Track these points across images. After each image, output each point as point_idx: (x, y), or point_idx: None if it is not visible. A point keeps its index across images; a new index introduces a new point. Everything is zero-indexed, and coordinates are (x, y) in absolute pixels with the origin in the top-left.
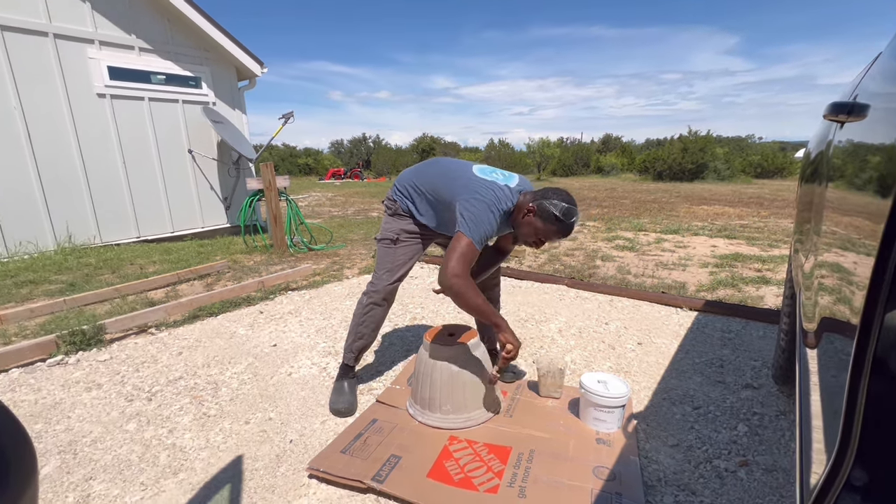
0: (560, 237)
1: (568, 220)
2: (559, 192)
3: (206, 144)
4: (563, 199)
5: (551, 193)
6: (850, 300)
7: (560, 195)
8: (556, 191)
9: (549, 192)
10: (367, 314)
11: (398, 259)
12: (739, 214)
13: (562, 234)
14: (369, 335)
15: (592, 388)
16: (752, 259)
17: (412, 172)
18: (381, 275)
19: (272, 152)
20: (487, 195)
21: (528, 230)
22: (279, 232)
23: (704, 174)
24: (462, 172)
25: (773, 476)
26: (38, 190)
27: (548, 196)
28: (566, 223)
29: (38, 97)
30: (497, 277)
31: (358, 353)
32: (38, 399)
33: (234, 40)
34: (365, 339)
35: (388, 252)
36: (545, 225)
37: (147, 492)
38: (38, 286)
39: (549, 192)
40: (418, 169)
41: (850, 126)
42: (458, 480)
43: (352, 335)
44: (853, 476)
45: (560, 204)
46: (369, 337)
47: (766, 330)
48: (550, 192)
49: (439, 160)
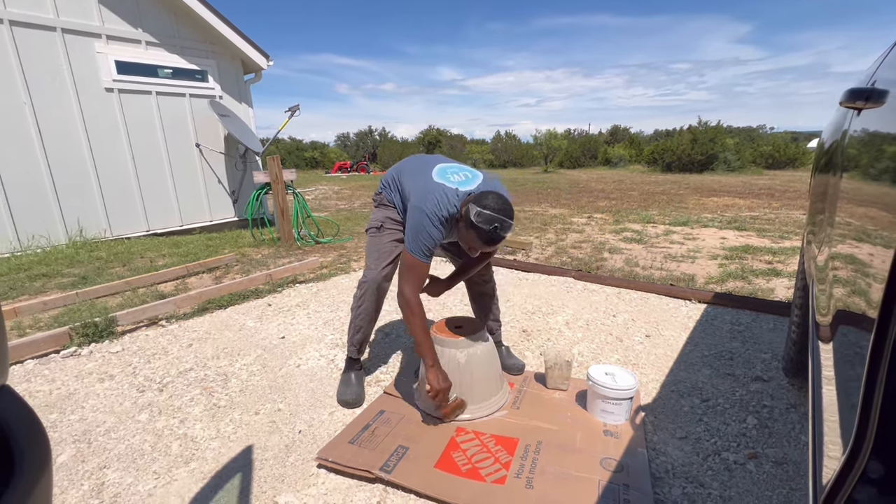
0: (482, 244)
1: (486, 226)
2: (489, 195)
3: (213, 138)
4: (486, 204)
5: (481, 198)
6: (867, 292)
7: (486, 200)
8: (486, 195)
9: (480, 196)
10: (360, 306)
11: (384, 247)
12: (750, 206)
13: (481, 240)
14: (366, 326)
15: (600, 380)
16: (762, 251)
17: (396, 166)
18: (369, 264)
19: (278, 146)
20: (429, 204)
21: (460, 236)
22: (286, 225)
23: (714, 165)
24: (424, 173)
25: (782, 469)
26: (49, 184)
27: (475, 200)
28: (484, 230)
29: (47, 92)
30: (488, 273)
31: (359, 345)
32: (52, 390)
33: (240, 33)
34: (363, 331)
35: (375, 240)
36: (467, 231)
37: (160, 480)
38: (50, 279)
39: (480, 196)
40: (400, 163)
41: (867, 113)
42: (466, 471)
43: (351, 328)
44: (869, 468)
45: (480, 210)
46: (367, 328)
47: (776, 322)
48: (480, 197)
49: (419, 157)
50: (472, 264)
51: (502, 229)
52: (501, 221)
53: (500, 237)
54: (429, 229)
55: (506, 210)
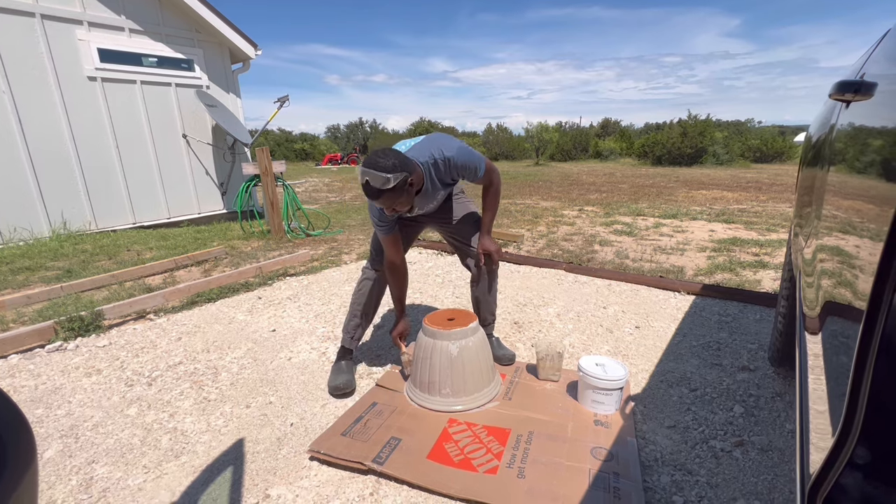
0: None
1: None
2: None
3: (200, 129)
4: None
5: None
6: (854, 283)
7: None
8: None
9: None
10: (359, 290)
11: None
12: (738, 199)
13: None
14: (362, 313)
15: (591, 371)
16: (749, 243)
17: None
18: (371, 253)
19: (268, 137)
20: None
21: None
22: (276, 218)
23: (703, 159)
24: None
25: (767, 455)
26: (30, 175)
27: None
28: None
29: (27, 80)
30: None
31: (353, 332)
32: (37, 385)
33: (227, 21)
34: (358, 317)
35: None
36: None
37: (149, 475)
38: (34, 273)
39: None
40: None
41: (855, 106)
42: (458, 462)
43: (348, 314)
44: (856, 454)
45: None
46: (363, 316)
47: (763, 313)
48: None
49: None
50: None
51: (371, 180)
52: (369, 174)
53: (373, 189)
54: (370, 209)
55: (374, 163)
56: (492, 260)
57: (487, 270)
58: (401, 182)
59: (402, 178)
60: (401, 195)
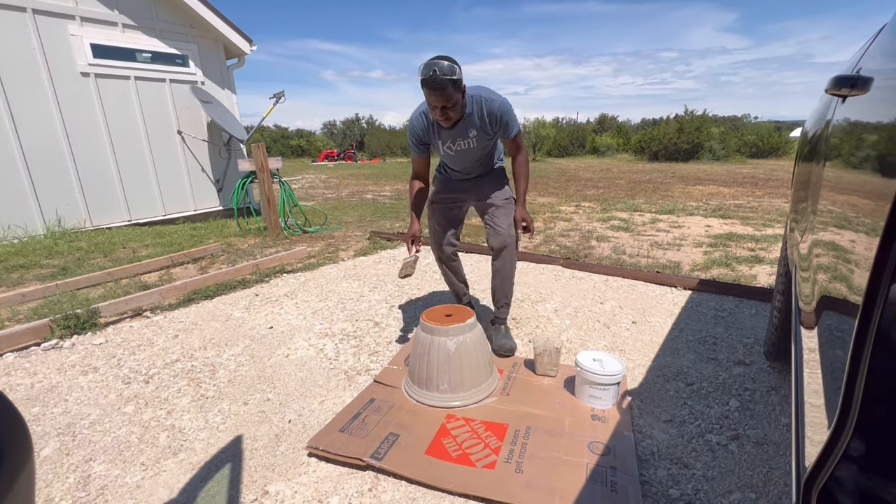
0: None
1: (422, 73)
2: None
3: (195, 125)
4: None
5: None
6: (850, 277)
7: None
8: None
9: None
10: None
11: (432, 226)
12: (734, 194)
13: (428, 87)
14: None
15: (588, 366)
16: (745, 238)
17: None
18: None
19: (263, 133)
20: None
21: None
22: (273, 214)
23: (700, 154)
24: None
25: (763, 449)
26: (24, 173)
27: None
28: (423, 78)
29: (19, 76)
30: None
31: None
32: (33, 383)
33: (222, 16)
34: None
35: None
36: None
37: (147, 472)
38: (29, 270)
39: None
40: None
41: (852, 101)
42: (457, 457)
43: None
44: (851, 447)
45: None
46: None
47: (758, 308)
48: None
49: None
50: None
51: (439, 69)
52: (437, 63)
53: (440, 77)
54: (409, 127)
55: (445, 57)
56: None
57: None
58: (461, 78)
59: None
60: (457, 94)
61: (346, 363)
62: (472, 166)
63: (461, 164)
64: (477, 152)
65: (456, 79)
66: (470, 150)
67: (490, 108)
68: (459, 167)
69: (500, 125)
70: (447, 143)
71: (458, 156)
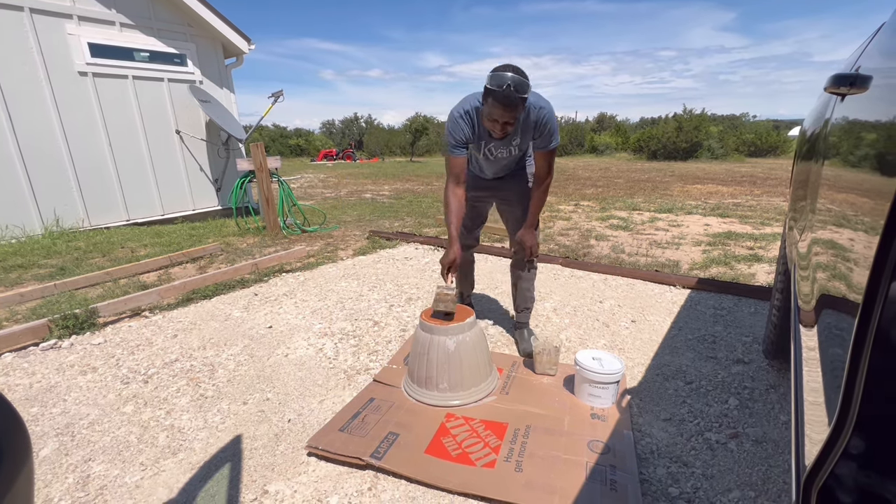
0: (498, 108)
1: (495, 85)
2: (500, 65)
3: (194, 124)
4: (500, 69)
5: (497, 67)
6: (849, 276)
7: (497, 68)
8: (503, 65)
9: (497, 66)
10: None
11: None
12: (732, 193)
13: (498, 102)
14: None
15: (587, 365)
16: (744, 237)
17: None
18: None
19: (262, 133)
20: (457, 105)
21: (484, 114)
22: (272, 214)
23: (698, 153)
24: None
25: (762, 447)
26: (21, 172)
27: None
28: (495, 90)
29: (16, 75)
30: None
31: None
32: (32, 383)
33: (220, 15)
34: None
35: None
36: (486, 104)
37: (147, 472)
38: (27, 270)
39: (497, 66)
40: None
41: (851, 100)
42: (456, 456)
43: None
44: (851, 445)
45: (494, 73)
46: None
47: (757, 306)
48: (497, 67)
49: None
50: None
51: (516, 87)
52: (514, 79)
53: (515, 96)
54: (450, 126)
55: (519, 71)
56: (525, 252)
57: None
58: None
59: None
60: (523, 111)
61: (346, 362)
62: (503, 169)
63: (494, 168)
64: (515, 159)
65: (527, 97)
66: (510, 157)
67: (538, 115)
68: (491, 170)
69: (544, 134)
70: (488, 147)
71: (495, 161)
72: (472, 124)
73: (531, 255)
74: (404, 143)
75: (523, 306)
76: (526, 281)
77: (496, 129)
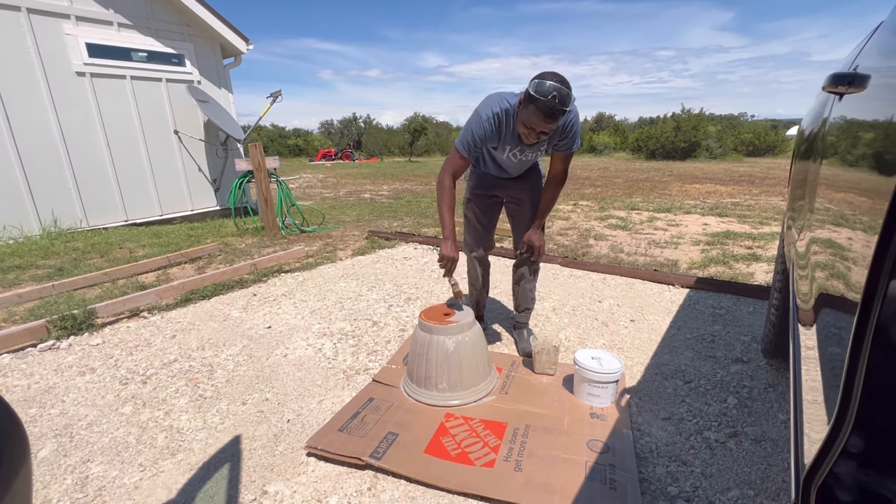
0: (538, 117)
1: (539, 93)
2: (550, 73)
3: (192, 125)
4: (546, 77)
5: (541, 75)
6: (848, 273)
7: (546, 75)
8: (547, 73)
9: (541, 74)
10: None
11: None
12: (731, 193)
13: (540, 112)
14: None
15: (586, 364)
16: (742, 236)
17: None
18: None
19: (260, 133)
20: (483, 104)
21: (521, 119)
22: (270, 214)
23: (697, 153)
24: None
25: (761, 446)
26: (19, 173)
27: (536, 77)
28: (538, 99)
29: (13, 76)
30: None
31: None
32: (30, 384)
33: (218, 15)
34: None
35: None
36: (526, 108)
37: (146, 472)
38: (25, 271)
39: (541, 74)
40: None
41: (849, 99)
42: (456, 456)
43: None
44: (850, 444)
45: (540, 81)
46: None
47: (756, 305)
48: (541, 74)
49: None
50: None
51: (561, 99)
52: (559, 90)
53: (558, 108)
54: (474, 124)
55: (564, 82)
56: (532, 252)
57: (530, 260)
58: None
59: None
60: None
61: (345, 362)
62: (519, 170)
63: (513, 168)
64: (533, 161)
65: (569, 109)
66: (531, 159)
67: (566, 119)
68: (509, 171)
69: (569, 137)
70: (513, 151)
71: (518, 163)
72: (500, 126)
73: (539, 256)
74: (403, 143)
75: (524, 306)
76: (529, 281)
77: (530, 137)
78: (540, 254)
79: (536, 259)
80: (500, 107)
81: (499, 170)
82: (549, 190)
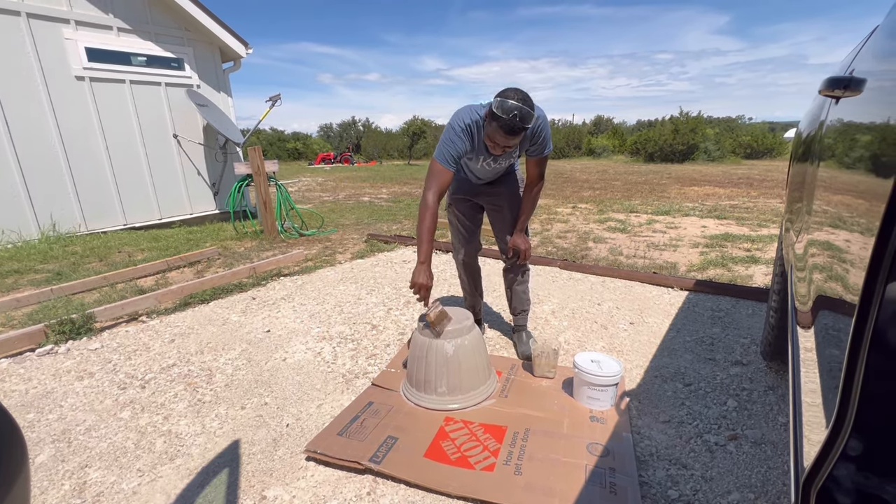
0: (500, 134)
1: (501, 111)
2: (511, 90)
3: (191, 129)
4: (508, 95)
5: (503, 93)
6: (846, 276)
7: (508, 93)
8: (509, 90)
9: (503, 91)
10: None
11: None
12: (729, 195)
13: (501, 129)
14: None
15: (586, 367)
16: (741, 239)
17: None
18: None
19: (260, 136)
20: (454, 117)
21: (486, 134)
22: (269, 218)
23: (695, 155)
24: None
25: (761, 449)
26: (18, 177)
27: (499, 95)
28: (500, 117)
29: (13, 80)
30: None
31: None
32: (28, 389)
33: (217, 19)
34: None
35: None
36: (490, 124)
37: (144, 478)
38: (23, 276)
39: (503, 91)
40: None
41: (845, 102)
42: (455, 460)
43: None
44: (849, 446)
45: (502, 101)
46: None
47: (755, 308)
48: (503, 92)
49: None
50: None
51: (522, 118)
52: (520, 109)
53: (519, 126)
54: (452, 137)
55: (526, 101)
56: (518, 257)
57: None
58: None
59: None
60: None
61: (344, 366)
62: (494, 176)
63: (488, 175)
64: (507, 167)
65: (530, 126)
66: (504, 166)
67: (534, 125)
68: (485, 177)
69: (539, 143)
70: (486, 161)
71: (492, 170)
72: (472, 138)
73: (525, 259)
74: (402, 147)
75: (520, 309)
76: (521, 284)
77: (496, 149)
78: (526, 257)
79: (524, 262)
80: (470, 118)
81: (475, 177)
82: (527, 194)
